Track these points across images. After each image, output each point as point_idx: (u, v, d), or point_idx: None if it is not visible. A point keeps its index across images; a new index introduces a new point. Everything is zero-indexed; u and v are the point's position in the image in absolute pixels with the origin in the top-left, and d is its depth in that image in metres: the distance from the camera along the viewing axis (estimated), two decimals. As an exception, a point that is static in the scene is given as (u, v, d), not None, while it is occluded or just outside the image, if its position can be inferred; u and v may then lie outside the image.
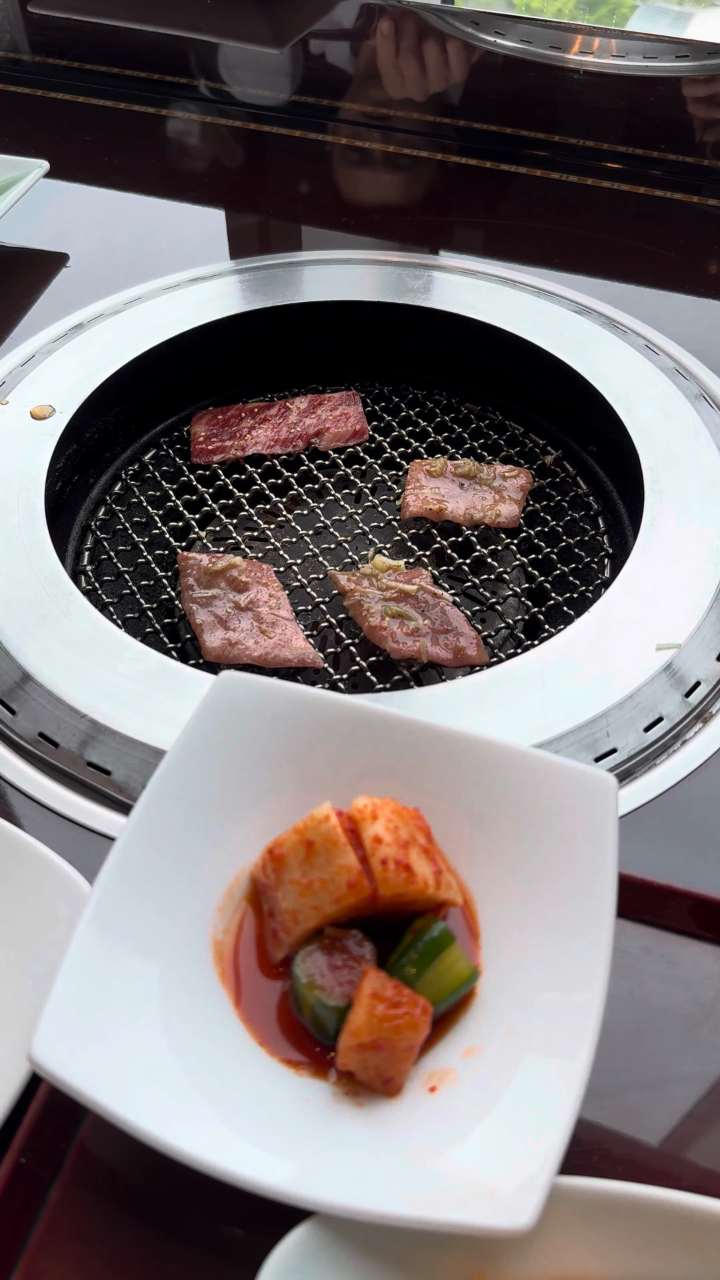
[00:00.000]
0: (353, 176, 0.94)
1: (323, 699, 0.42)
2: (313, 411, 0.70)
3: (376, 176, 0.93)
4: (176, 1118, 0.33)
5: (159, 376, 0.70)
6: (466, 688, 0.49)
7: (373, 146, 0.95)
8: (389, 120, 0.99)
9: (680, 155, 0.93)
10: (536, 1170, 0.31)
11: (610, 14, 1.18)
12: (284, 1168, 0.32)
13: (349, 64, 1.08)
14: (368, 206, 0.90)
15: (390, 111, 1.00)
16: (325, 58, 1.09)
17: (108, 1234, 0.35)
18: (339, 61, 1.09)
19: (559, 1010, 0.35)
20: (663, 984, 0.40)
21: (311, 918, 0.37)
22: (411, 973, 0.36)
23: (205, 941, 0.38)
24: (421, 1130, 0.34)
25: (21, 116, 0.97)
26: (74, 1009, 0.34)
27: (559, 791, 0.39)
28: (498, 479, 0.66)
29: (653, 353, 0.68)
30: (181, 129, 0.97)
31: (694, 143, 0.95)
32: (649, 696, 0.49)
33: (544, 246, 0.81)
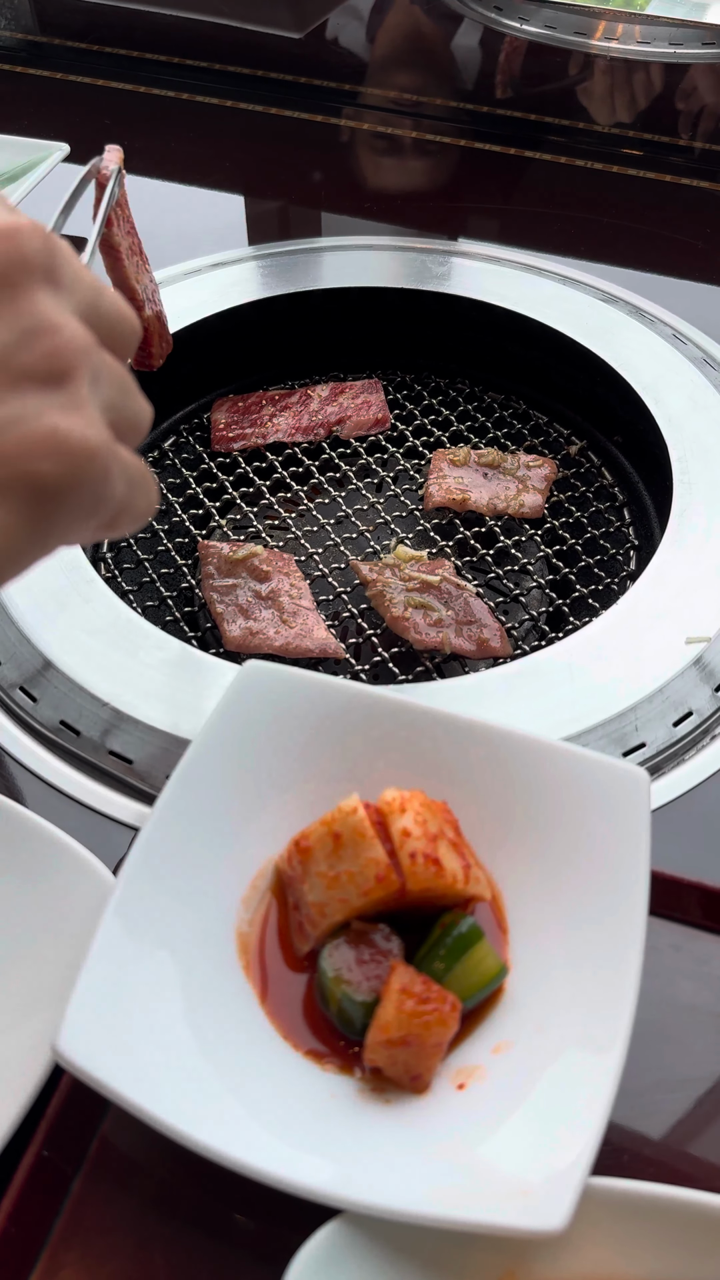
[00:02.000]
0: (374, 162, 0.93)
1: (350, 690, 0.41)
2: (334, 399, 0.70)
3: (398, 162, 0.92)
4: (201, 1112, 0.33)
5: (179, 363, 0.69)
6: (493, 679, 0.48)
7: (394, 132, 0.94)
8: (410, 105, 0.98)
9: (707, 143, 0.92)
10: (569, 1170, 0.31)
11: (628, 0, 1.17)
12: (311, 1165, 0.32)
13: (369, 49, 1.07)
14: (389, 192, 0.89)
15: (412, 97, 0.99)
16: (346, 43, 1.08)
17: (131, 1227, 0.35)
18: (359, 47, 1.08)
19: (590, 1007, 0.35)
20: (693, 982, 0.40)
21: (339, 911, 0.36)
22: (440, 968, 0.36)
23: (230, 933, 0.38)
24: (450, 1127, 0.33)
25: (42, 100, 0.97)
26: (98, 1001, 0.34)
27: (590, 786, 0.38)
28: (522, 468, 0.65)
29: (680, 342, 0.67)
30: (201, 113, 0.96)
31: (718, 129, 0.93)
32: (678, 690, 0.48)
33: (569, 233, 0.79)
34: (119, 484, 0.26)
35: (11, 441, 0.23)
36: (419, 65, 1.02)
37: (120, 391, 0.27)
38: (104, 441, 0.25)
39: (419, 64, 1.02)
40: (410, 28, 1.05)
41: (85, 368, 0.25)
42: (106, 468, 0.25)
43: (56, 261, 0.25)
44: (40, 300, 0.24)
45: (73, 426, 0.24)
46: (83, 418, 0.24)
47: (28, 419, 0.23)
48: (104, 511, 0.26)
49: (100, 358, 0.26)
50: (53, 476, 0.24)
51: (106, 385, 0.26)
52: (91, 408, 0.25)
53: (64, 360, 0.24)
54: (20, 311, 0.24)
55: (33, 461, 0.23)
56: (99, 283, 0.27)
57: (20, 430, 0.23)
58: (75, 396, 0.24)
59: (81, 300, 0.26)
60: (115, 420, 0.27)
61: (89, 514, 0.25)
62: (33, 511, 0.24)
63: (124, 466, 0.26)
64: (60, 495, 0.24)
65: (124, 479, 0.26)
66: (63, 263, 0.25)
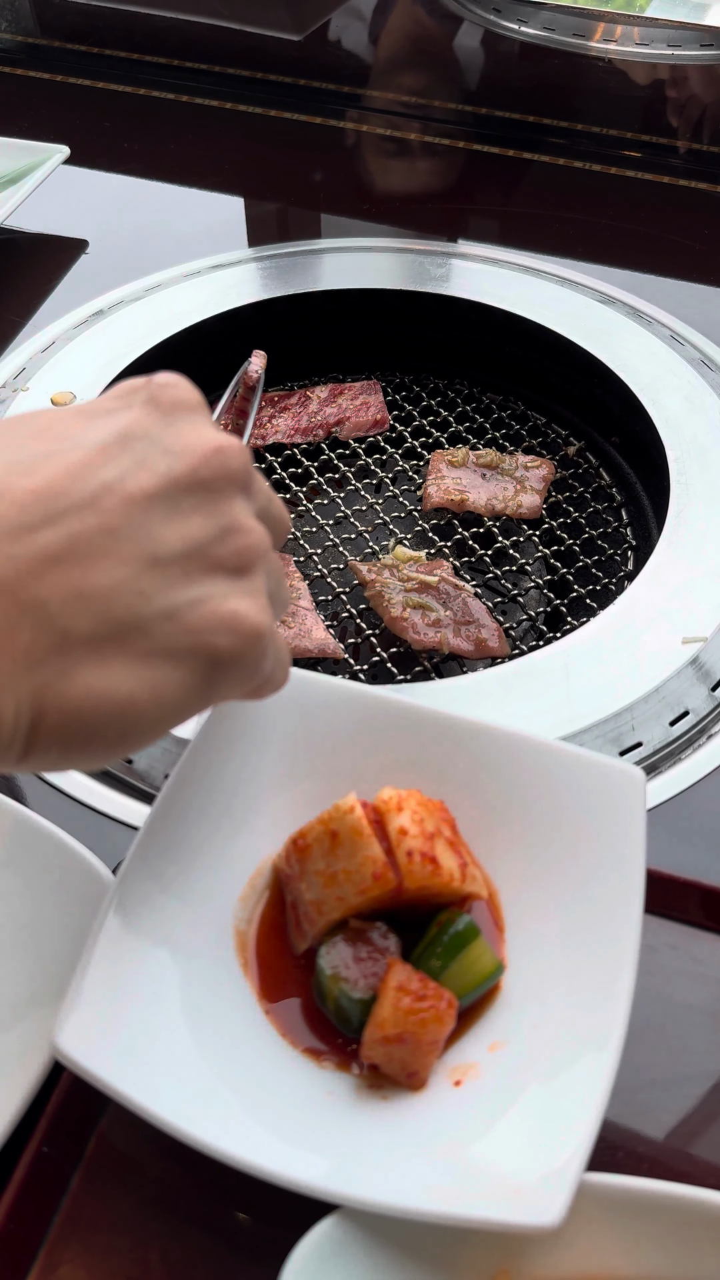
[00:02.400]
0: (373, 164, 0.93)
1: (348, 690, 0.41)
2: (333, 400, 0.70)
3: (397, 164, 0.92)
4: (199, 1109, 0.33)
5: (179, 364, 0.68)
6: (490, 679, 0.49)
7: (393, 134, 0.94)
8: (409, 107, 0.98)
9: (705, 144, 0.92)
10: (564, 1167, 0.31)
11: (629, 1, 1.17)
12: (308, 1161, 0.32)
13: (369, 51, 1.07)
14: (388, 194, 0.89)
15: (411, 99, 0.99)
16: (345, 45, 1.08)
17: (129, 1224, 0.35)
18: (359, 48, 1.08)
19: (586, 1005, 0.35)
20: (688, 980, 0.40)
21: (336, 909, 0.36)
22: (436, 965, 0.36)
23: (228, 931, 0.38)
24: (446, 1124, 0.34)
25: (42, 102, 0.97)
26: (97, 999, 0.34)
27: (586, 785, 0.39)
28: (520, 469, 0.65)
29: (678, 343, 0.68)
30: (201, 115, 0.96)
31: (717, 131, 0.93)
32: (675, 690, 0.48)
33: (567, 235, 0.80)
34: (270, 660, 0.30)
35: (202, 615, 0.28)
36: (418, 67, 1.02)
37: (278, 581, 0.32)
38: (269, 625, 0.30)
39: (418, 66, 1.02)
40: (409, 30, 1.05)
41: (264, 563, 0.30)
42: (265, 648, 0.30)
43: (250, 476, 0.30)
44: (237, 505, 0.29)
45: (249, 611, 0.29)
46: (257, 604, 0.29)
47: (216, 599, 0.28)
48: (254, 680, 0.30)
49: (277, 559, 0.32)
50: (227, 649, 0.28)
51: (273, 580, 0.31)
52: (265, 599, 0.30)
53: (249, 556, 0.29)
54: (222, 513, 0.29)
55: (215, 635, 0.28)
56: (270, 490, 0.33)
57: (209, 607, 0.28)
58: (254, 585, 0.29)
59: (259, 506, 0.31)
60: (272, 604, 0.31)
61: (244, 682, 0.30)
62: (206, 675, 0.28)
63: (277, 647, 0.31)
64: (229, 665, 0.29)
65: (275, 656, 0.31)
66: (253, 475, 0.31)
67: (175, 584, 0.28)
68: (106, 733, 0.27)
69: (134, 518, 0.27)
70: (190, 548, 0.28)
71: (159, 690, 0.27)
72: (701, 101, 0.97)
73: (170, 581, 0.27)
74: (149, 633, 0.27)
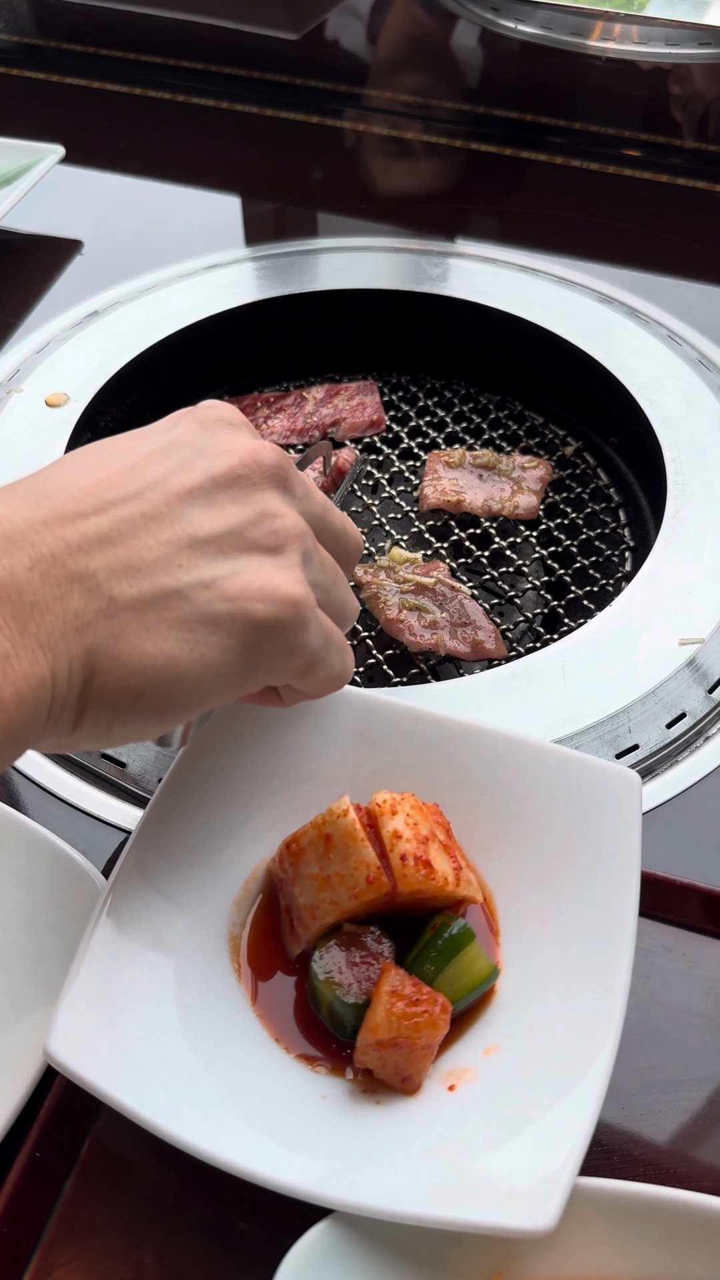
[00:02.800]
0: (370, 163, 0.93)
1: (343, 692, 0.41)
2: (329, 401, 0.70)
3: (394, 163, 0.92)
4: (192, 1113, 0.33)
5: (174, 364, 0.69)
6: (486, 681, 0.48)
7: (390, 133, 0.94)
8: (407, 107, 0.98)
9: (702, 143, 0.92)
10: (558, 1171, 0.31)
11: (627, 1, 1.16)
12: (302, 1165, 0.32)
13: (366, 50, 1.07)
14: (385, 193, 0.89)
15: (408, 98, 0.99)
16: (343, 44, 1.08)
17: (122, 1228, 0.35)
18: (356, 48, 1.08)
19: (580, 1009, 0.35)
20: (684, 983, 0.40)
21: (329, 913, 0.36)
22: (431, 970, 0.36)
23: (222, 936, 0.38)
24: (440, 1129, 0.34)
25: (37, 102, 0.97)
26: (89, 1003, 0.34)
27: (582, 788, 0.38)
28: (517, 470, 0.65)
29: (675, 343, 0.67)
30: (197, 115, 0.96)
31: (717, 131, 0.93)
32: (672, 692, 0.48)
33: (564, 234, 0.79)
34: (315, 636, 0.33)
35: (239, 585, 0.31)
36: (415, 66, 1.02)
37: (332, 581, 0.35)
38: (304, 596, 0.32)
39: (415, 65, 1.02)
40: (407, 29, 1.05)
41: (297, 546, 0.33)
42: (304, 618, 0.32)
43: (287, 474, 0.33)
44: (270, 495, 0.33)
45: (283, 582, 0.32)
46: (290, 576, 0.32)
47: (251, 571, 0.31)
48: (300, 656, 0.33)
49: (314, 547, 0.34)
50: (264, 616, 0.31)
51: (318, 570, 0.34)
52: (300, 573, 0.32)
53: (281, 537, 0.32)
54: (256, 502, 0.32)
55: (251, 602, 0.31)
56: (330, 505, 0.36)
57: (245, 578, 0.31)
58: (287, 561, 0.32)
59: (309, 510, 0.34)
60: (323, 600, 0.34)
61: (289, 654, 0.32)
62: (246, 642, 0.31)
63: (321, 625, 0.33)
64: (269, 633, 0.31)
65: (320, 635, 0.33)
66: (293, 477, 0.34)
67: (213, 559, 0.31)
68: (154, 692, 0.29)
69: (175, 507, 0.31)
70: (226, 530, 0.31)
71: (200, 651, 0.30)
72: (699, 100, 0.96)
73: (208, 557, 0.31)
74: (189, 599, 0.30)
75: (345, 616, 0.36)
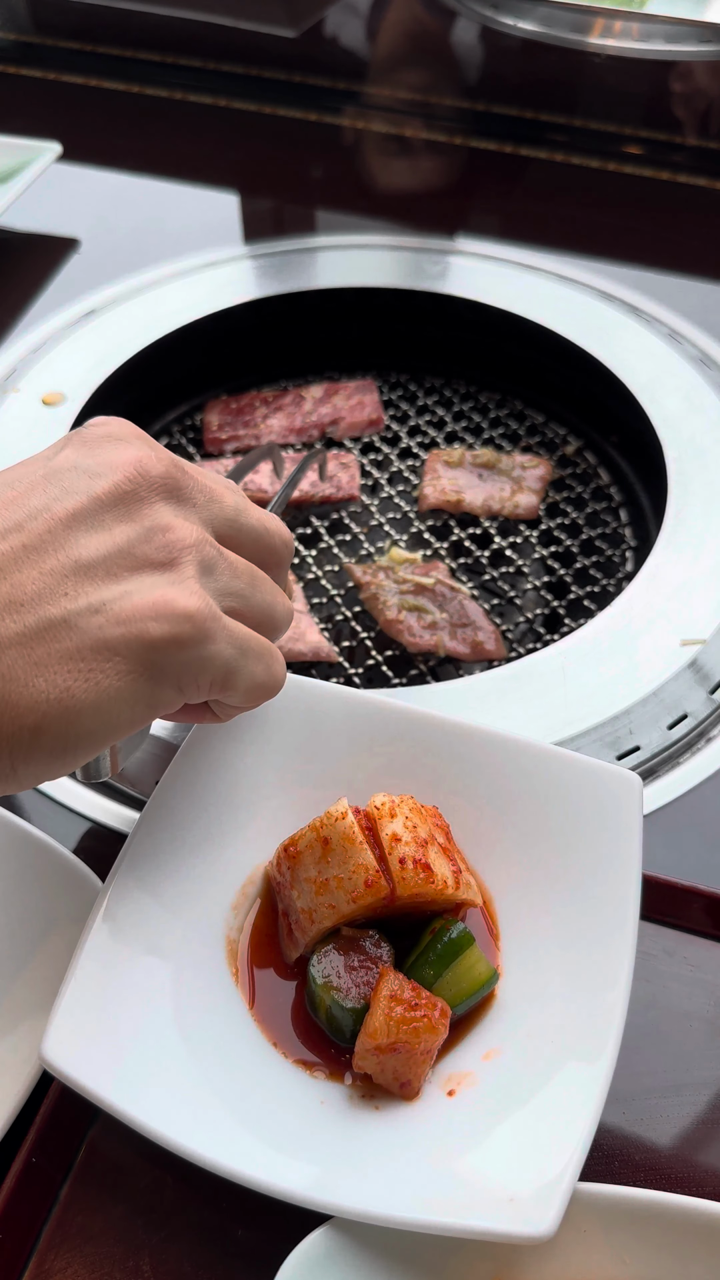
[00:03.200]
0: (369, 160, 0.92)
1: (341, 694, 0.41)
2: (328, 400, 0.69)
3: (393, 160, 0.92)
4: (189, 1118, 0.32)
5: (172, 363, 0.69)
6: (486, 683, 0.48)
7: (389, 130, 0.94)
8: (406, 104, 0.97)
9: (704, 140, 0.91)
10: (557, 1176, 0.31)
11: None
12: (301, 1171, 0.32)
13: (365, 47, 1.07)
14: (384, 191, 0.89)
15: (407, 95, 0.98)
16: (341, 41, 1.07)
17: (119, 1234, 0.35)
18: (355, 44, 1.07)
19: (581, 1013, 0.35)
20: (685, 987, 0.39)
21: (328, 917, 0.36)
22: (430, 974, 0.36)
23: (219, 940, 0.38)
24: (440, 1134, 0.33)
25: (34, 99, 0.96)
26: (85, 1007, 0.34)
27: (583, 790, 0.38)
28: (517, 469, 0.65)
29: (676, 341, 0.67)
30: (195, 112, 0.95)
31: (718, 128, 0.93)
32: (673, 693, 0.48)
33: (565, 232, 0.79)
34: (224, 647, 0.31)
35: (130, 606, 0.30)
36: (415, 64, 1.01)
37: (249, 586, 0.33)
38: (201, 608, 0.31)
39: (415, 62, 1.01)
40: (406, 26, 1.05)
41: (193, 557, 0.31)
42: (205, 631, 0.31)
43: (178, 482, 0.32)
44: (160, 508, 0.31)
45: (177, 596, 0.30)
46: (185, 590, 0.31)
47: (143, 590, 0.30)
48: (211, 669, 0.31)
49: (218, 555, 0.32)
50: (159, 633, 0.30)
51: (227, 578, 0.33)
52: (197, 585, 0.31)
53: (174, 550, 0.31)
54: (145, 517, 0.31)
55: (145, 621, 0.30)
56: (244, 506, 0.35)
57: (137, 598, 0.30)
58: (181, 575, 0.31)
59: (214, 516, 0.33)
60: (238, 607, 0.33)
61: (197, 669, 0.31)
62: (146, 665, 0.30)
63: (232, 635, 0.32)
64: (166, 649, 0.30)
65: (233, 645, 0.32)
66: (187, 484, 0.33)
67: (100, 583, 0.30)
68: (51, 728, 0.28)
69: (58, 534, 0.30)
70: (113, 551, 0.30)
71: (96, 680, 0.29)
72: (701, 97, 0.96)
73: (95, 582, 0.30)
74: (78, 627, 0.29)
75: (273, 620, 0.34)
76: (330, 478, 0.64)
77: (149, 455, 0.32)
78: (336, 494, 0.63)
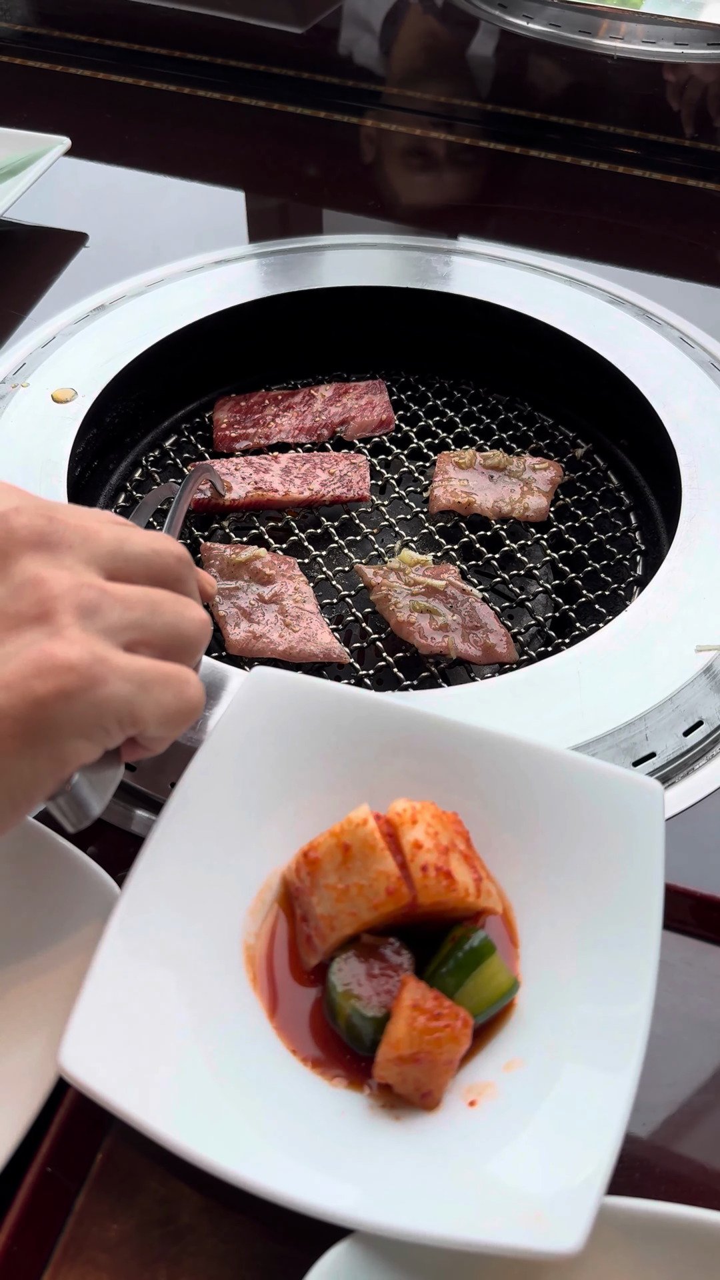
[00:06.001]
0: (378, 159, 0.92)
1: (360, 698, 0.41)
2: (338, 400, 0.69)
3: (401, 160, 0.91)
4: (207, 1128, 0.32)
5: (181, 360, 0.68)
6: (501, 687, 0.48)
7: (398, 129, 0.93)
8: (414, 103, 0.97)
9: (712, 145, 0.91)
10: (583, 1191, 0.30)
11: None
12: (321, 1184, 0.31)
13: (372, 45, 1.06)
14: (393, 190, 0.88)
15: (416, 94, 0.98)
16: (348, 38, 1.07)
17: (135, 1245, 0.34)
18: (362, 43, 1.07)
19: (604, 1023, 0.34)
20: (707, 997, 0.39)
21: (348, 924, 0.36)
22: (451, 983, 0.35)
23: (236, 946, 0.37)
24: (462, 1145, 0.33)
25: (43, 93, 0.95)
26: (103, 1014, 0.33)
27: (604, 798, 0.38)
28: (527, 471, 0.64)
29: (688, 346, 0.67)
30: (203, 108, 0.95)
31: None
32: (688, 699, 0.48)
33: (575, 234, 0.79)
34: (119, 687, 0.31)
35: (11, 669, 0.29)
36: (424, 63, 1.01)
37: (148, 613, 0.33)
38: (82, 656, 0.30)
39: (424, 62, 1.01)
40: (414, 25, 1.04)
41: (70, 604, 0.31)
42: (92, 676, 0.30)
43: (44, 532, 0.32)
44: (28, 563, 0.31)
45: (55, 649, 0.30)
46: (65, 640, 0.30)
47: (21, 650, 0.30)
48: (109, 711, 0.31)
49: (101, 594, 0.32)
50: (44, 690, 0.29)
51: (118, 612, 0.32)
52: (77, 631, 0.31)
53: (46, 603, 0.31)
54: (13, 574, 0.31)
55: (29, 680, 0.29)
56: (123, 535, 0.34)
57: (16, 659, 0.30)
58: (57, 626, 0.31)
59: (94, 555, 0.33)
60: (139, 639, 0.33)
61: (95, 716, 0.31)
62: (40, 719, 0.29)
63: (125, 671, 0.31)
64: (54, 704, 0.30)
65: (129, 682, 0.31)
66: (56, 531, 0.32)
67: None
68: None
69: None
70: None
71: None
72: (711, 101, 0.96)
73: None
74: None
75: (182, 637, 0.34)
76: (341, 477, 0.63)
77: (10, 510, 0.32)
78: (347, 494, 0.63)
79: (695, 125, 0.94)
